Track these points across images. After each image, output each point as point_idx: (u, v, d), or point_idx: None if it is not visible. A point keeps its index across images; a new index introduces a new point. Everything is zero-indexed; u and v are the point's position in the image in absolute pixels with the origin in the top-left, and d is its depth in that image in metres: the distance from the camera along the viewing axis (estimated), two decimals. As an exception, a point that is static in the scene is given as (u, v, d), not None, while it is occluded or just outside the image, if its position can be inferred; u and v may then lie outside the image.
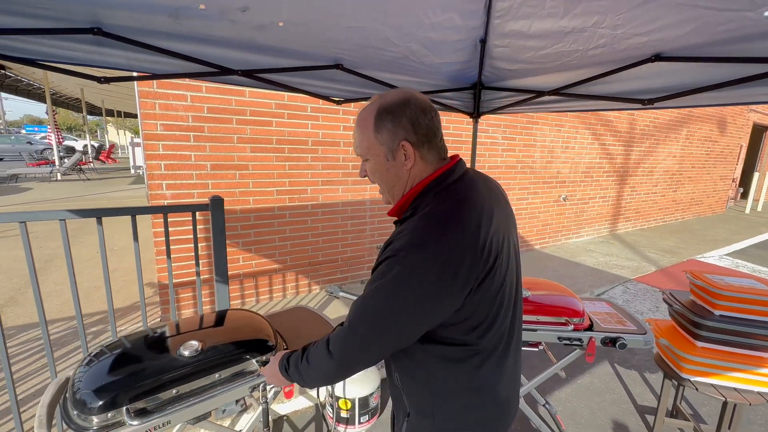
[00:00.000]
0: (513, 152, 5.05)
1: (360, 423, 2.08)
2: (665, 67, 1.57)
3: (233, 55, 1.64)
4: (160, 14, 1.32)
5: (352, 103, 3.60)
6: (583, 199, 6.18)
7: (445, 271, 0.75)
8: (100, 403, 1.08)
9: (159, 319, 3.14)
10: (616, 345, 1.69)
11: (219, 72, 1.65)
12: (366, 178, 0.94)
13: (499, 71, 2.16)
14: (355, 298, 0.91)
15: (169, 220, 2.78)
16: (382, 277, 0.78)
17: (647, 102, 1.71)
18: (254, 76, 1.74)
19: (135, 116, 26.91)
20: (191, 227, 3.02)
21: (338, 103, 2.28)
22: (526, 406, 1.91)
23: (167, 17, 1.35)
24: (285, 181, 3.41)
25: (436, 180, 0.86)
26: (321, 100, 3.41)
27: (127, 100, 15.33)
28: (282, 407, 2.29)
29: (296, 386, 1.52)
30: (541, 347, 1.85)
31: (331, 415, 2.15)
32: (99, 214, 1.66)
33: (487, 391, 0.89)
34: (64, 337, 2.87)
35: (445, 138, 0.93)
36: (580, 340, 1.72)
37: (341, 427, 2.09)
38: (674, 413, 2.23)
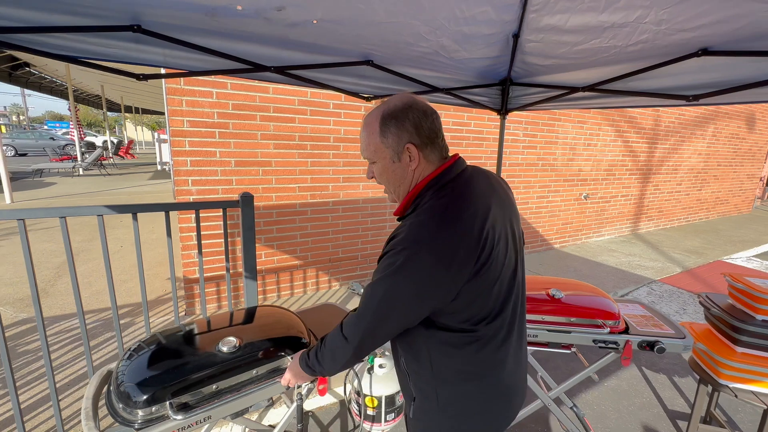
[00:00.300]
0: (534, 149, 4.97)
1: (386, 421, 2.08)
2: (712, 62, 1.50)
3: (266, 51, 1.64)
4: (198, 12, 1.33)
5: (379, 100, 3.60)
6: (605, 197, 6.05)
7: (441, 263, 0.81)
8: (145, 397, 1.10)
9: (183, 314, 3.20)
10: (654, 349, 1.64)
11: (252, 69, 1.65)
12: (374, 179, 1.00)
13: (530, 67, 2.11)
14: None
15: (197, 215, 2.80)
16: (385, 270, 0.85)
17: (692, 98, 1.65)
18: (286, 72, 1.73)
19: (152, 113, 27.40)
20: (214, 223, 3.08)
21: (368, 99, 2.26)
22: (556, 407, 1.88)
23: (204, 15, 1.35)
24: (307, 177, 3.42)
25: (435, 178, 0.91)
26: (343, 97, 3.41)
27: (145, 96, 15.61)
28: (308, 403, 2.30)
29: (329, 384, 1.52)
30: (573, 349, 1.81)
31: (357, 412, 2.15)
32: (134, 209, 1.69)
33: (488, 377, 0.94)
34: (93, 329, 2.94)
35: (466, 135, 0.94)
36: (616, 343, 1.67)
37: (367, 425, 2.09)
38: (708, 419, 2.17)
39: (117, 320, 1.80)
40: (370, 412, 2.07)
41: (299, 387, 1.37)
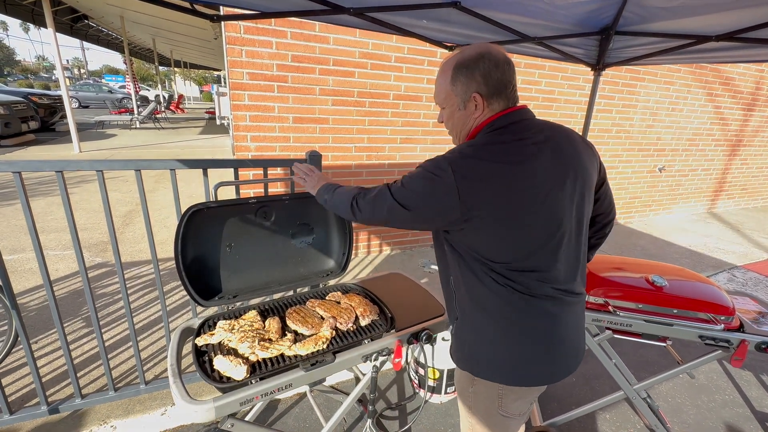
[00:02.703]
0: (609, 113, 4.45)
1: (446, 392, 2.04)
2: None
3: (346, -11, 1.44)
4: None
5: (439, 53, 3.28)
6: (682, 170, 5.43)
7: (462, 181, 0.83)
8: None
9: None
10: (778, 352, 1.42)
11: (330, 10, 1.46)
12: (443, 124, 1.05)
13: (647, 11, 1.76)
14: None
15: (250, 173, 2.77)
16: (410, 174, 0.91)
17: None
18: (365, 15, 1.53)
19: (199, 67, 27.81)
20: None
21: (450, 50, 2.01)
22: (641, 401, 1.73)
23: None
24: (364, 137, 3.26)
25: (490, 123, 0.93)
26: (406, 49, 3.14)
27: (192, 50, 15.73)
28: (364, 368, 2.30)
29: (404, 356, 1.46)
30: (668, 342, 1.62)
31: (416, 381, 2.12)
32: (205, 165, 1.64)
33: (530, 323, 0.94)
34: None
35: (535, 95, 0.75)
36: (728, 341, 1.46)
37: (426, 394, 2.06)
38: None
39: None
40: (431, 383, 2.04)
41: (375, 359, 1.31)
